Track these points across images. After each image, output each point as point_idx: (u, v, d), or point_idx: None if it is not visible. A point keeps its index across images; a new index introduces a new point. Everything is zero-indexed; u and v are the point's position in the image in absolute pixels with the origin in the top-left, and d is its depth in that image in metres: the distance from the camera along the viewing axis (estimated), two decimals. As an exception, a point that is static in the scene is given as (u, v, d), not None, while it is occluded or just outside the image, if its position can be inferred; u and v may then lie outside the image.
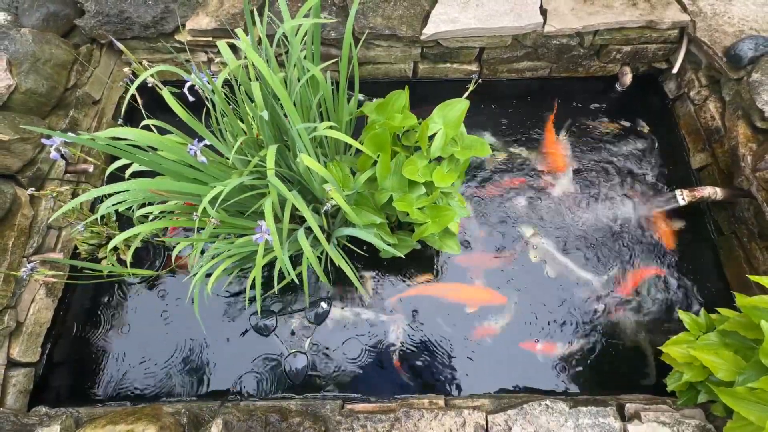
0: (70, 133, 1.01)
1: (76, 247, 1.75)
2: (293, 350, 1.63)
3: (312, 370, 1.61)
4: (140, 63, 1.22)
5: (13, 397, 1.53)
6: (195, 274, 1.37)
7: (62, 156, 1.12)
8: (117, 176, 1.29)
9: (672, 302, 1.70)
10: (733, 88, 1.78)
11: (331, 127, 1.23)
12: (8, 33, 1.75)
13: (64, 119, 1.85)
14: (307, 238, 1.30)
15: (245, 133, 1.35)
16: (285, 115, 1.25)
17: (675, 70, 2.02)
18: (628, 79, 2.11)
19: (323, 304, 1.71)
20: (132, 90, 1.10)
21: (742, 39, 1.72)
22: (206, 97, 1.25)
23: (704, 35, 1.84)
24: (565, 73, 2.19)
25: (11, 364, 1.55)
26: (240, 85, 1.26)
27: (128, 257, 1.37)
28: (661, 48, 2.02)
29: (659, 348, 1.37)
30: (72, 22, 1.96)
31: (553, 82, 2.22)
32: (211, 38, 1.99)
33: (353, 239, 1.52)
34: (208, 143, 1.19)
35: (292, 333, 1.67)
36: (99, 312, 1.76)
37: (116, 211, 1.73)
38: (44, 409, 1.37)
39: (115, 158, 1.33)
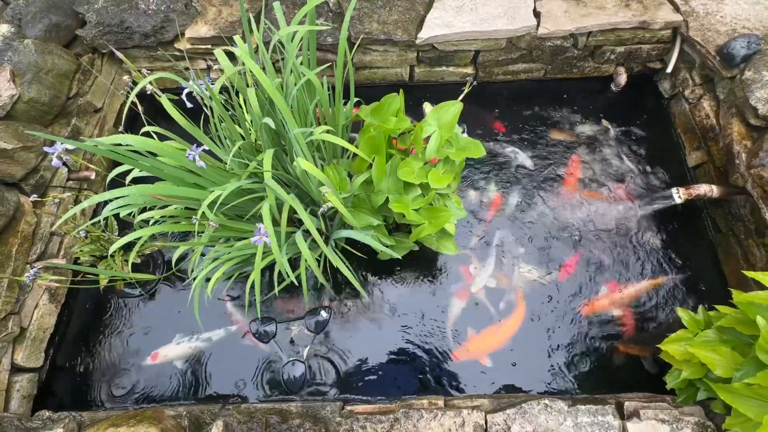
0: (71, 140, 1.03)
1: (78, 258, 1.77)
2: (291, 358, 1.64)
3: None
4: (139, 71, 1.24)
5: (17, 402, 1.54)
6: (195, 278, 1.39)
7: (64, 163, 1.15)
8: (118, 182, 1.31)
9: (670, 299, 1.70)
10: (727, 86, 1.79)
11: (327, 131, 1.25)
12: (12, 44, 1.79)
13: (67, 128, 1.88)
14: (306, 240, 1.32)
15: (243, 138, 1.37)
16: (282, 120, 1.27)
17: (669, 70, 2.04)
18: (622, 79, 2.13)
19: (323, 313, 1.72)
20: (131, 98, 1.13)
21: (734, 38, 1.74)
22: (204, 104, 1.27)
23: (697, 35, 1.85)
24: (560, 74, 2.21)
25: (15, 369, 1.57)
26: (237, 92, 1.29)
27: (128, 267, 1.40)
28: (655, 48, 2.04)
29: (658, 346, 1.37)
30: (74, 33, 2.00)
31: (549, 84, 2.24)
32: (210, 46, 2.02)
33: (351, 241, 1.53)
34: (207, 148, 1.21)
35: (292, 341, 1.68)
36: (101, 317, 1.78)
37: (118, 224, 1.76)
38: (47, 414, 1.38)
39: (117, 165, 1.35)
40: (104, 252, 1.70)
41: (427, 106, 2.11)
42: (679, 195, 1.71)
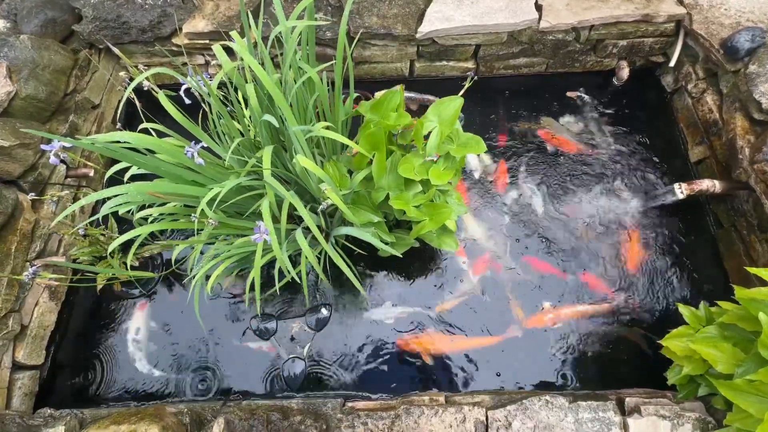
0: (68, 137, 1.02)
1: (77, 259, 1.77)
2: (292, 355, 1.64)
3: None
4: (137, 67, 1.23)
5: (18, 399, 1.55)
6: (195, 275, 1.39)
7: (62, 161, 1.14)
8: (117, 180, 1.30)
9: (672, 295, 1.70)
10: (731, 80, 1.77)
11: (327, 128, 1.24)
12: (7, 40, 1.77)
13: (64, 124, 1.87)
14: (306, 237, 1.31)
15: (242, 134, 1.36)
16: (281, 116, 1.26)
17: (672, 64, 2.02)
18: (625, 73, 2.11)
19: (324, 310, 1.72)
20: (126, 94, 1.12)
21: (738, 31, 1.72)
22: (202, 100, 1.26)
23: (701, 28, 1.83)
24: (561, 68, 2.19)
25: (16, 366, 1.57)
26: (235, 87, 1.27)
27: (129, 262, 1.39)
28: (658, 41, 2.02)
29: (659, 342, 1.37)
30: (70, 28, 1.98)
31: (550, 78, 2.22)
32: (208, 41, 2.00)
33: (352, 238, 1.53)
34: (205, 145, 1.20)
35: (292, 339, 1.68)
36: (102, 315, 1.78)
37: (117, 227, 1.75)
38: (49, 411, 1.38)
39: (115, 162, 1.34)
40: (103, 253, 1.69)
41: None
42: (681, 190, 1.70)
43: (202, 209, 1.13)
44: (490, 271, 1.75)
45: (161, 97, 1.11)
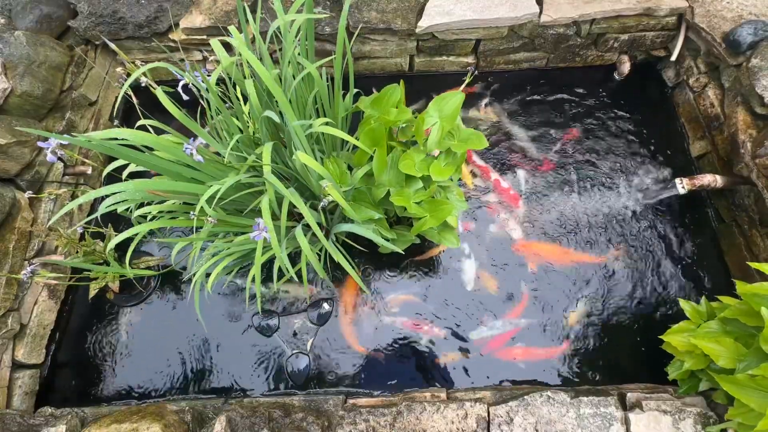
0: (64, 135, 1.01)
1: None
2: (295, 351, 1.64)
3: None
4: (134, 63, 1.21)
5: (19, 398, 1.54)
6: (194, 273, 1.38)
7: (60, 158, 1.12)
8: (115, 177, 1.29)
9: (673, 291, 1.70)
10: (733, 74, 1.76)
11: (327, 124, 1.23)
12: (2, 36, 1.74)
13: (61, 122, 1.85)
14: (306, 234, 1.30)
15: (241, 131, 1.35)
16: (280, 112, 1.24)
17: (673, 58, 2.01)
18: (626, 67, 2.10)
19: (325, 305, 1.71)
20: (124, 90, 1.10)
21: (741, 24, 1.70)
22: (201, 96, 1.25)
23: (702, 21, 1.82)
24: (562, 63, 2.17)
25: (16, 365, 1.57)
26: (234, 83, 1.26)
27: (117, 283, 1.37)
28: (659, 35, 2.00)
29: (660, 337, 1.37)
30: (66, 24, 1.95)
31: (551, 73, 2.21)
32: (205, 36, 1.98)
33: (352, 235, 1.52)
34: (204, 142, 1.19)
35: (294, 334, 1.67)
36: (102, 313, 1.77)
37: (113, 228, 1.74)
38: (50, 410, 1.38)
39: (113, 160, 1.33)
40: (98, 260, 1.67)
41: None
42: (682, 185, 1.69)
43: (202, 207, 1.12)
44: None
45: (159, 93, 1.10)
